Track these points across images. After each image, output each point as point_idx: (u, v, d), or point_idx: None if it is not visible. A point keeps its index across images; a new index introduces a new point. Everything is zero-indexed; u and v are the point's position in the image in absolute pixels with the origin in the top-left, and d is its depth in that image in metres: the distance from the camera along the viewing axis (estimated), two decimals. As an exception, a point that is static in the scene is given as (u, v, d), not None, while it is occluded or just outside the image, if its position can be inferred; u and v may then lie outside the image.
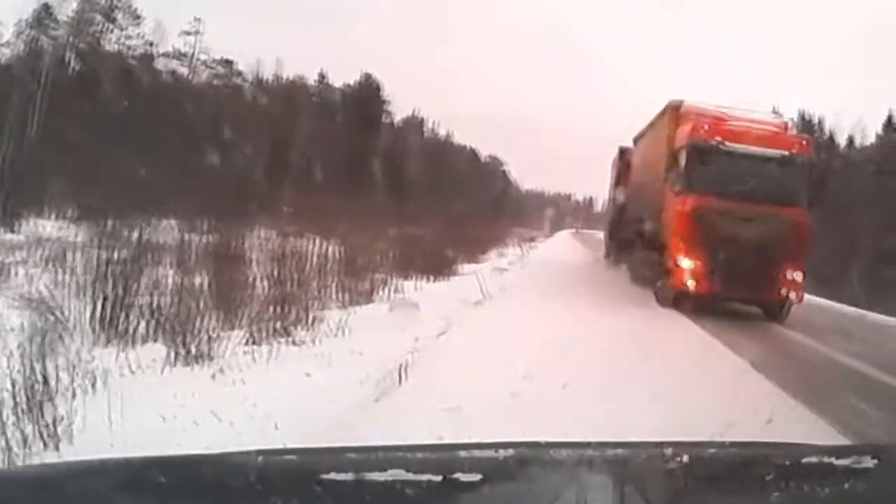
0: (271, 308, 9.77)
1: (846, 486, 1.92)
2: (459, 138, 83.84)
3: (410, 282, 16.69)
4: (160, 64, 54.72)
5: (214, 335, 8.04)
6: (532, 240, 56.25)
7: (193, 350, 7.60)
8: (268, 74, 61.05)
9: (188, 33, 56.19)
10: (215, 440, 4.64)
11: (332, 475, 1.64)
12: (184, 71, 56.74)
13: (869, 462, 2.03)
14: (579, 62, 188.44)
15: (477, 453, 1.90)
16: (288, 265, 11.84)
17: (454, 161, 78.21)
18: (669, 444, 2.05)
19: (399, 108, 70.49)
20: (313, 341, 9.00)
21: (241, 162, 47.67)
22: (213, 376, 6.94)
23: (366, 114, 62.71)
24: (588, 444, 2.04)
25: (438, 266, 20.12)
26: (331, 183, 43.28)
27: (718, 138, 15.79)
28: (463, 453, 1.90)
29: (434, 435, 4.36)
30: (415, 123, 75.66)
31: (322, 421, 5.48)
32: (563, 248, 45.14)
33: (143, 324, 8.55)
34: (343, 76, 73.06)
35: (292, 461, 1.94)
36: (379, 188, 54.12)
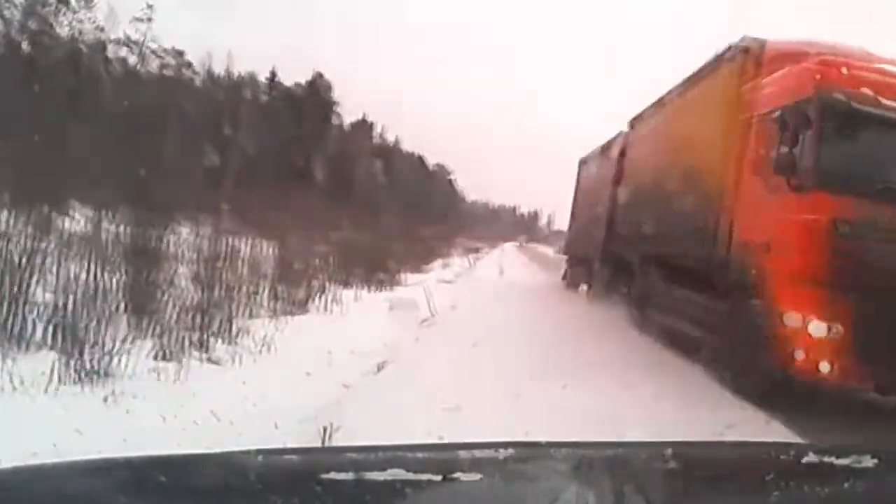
0: (191, 316, 8.64)
1: (846, 486, 1.89)
2: (407, 145, 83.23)
3: (350, 291, 15.56)
4: (110, 51, 53.04)
5: (118, 346, 6.82)
6: (476, 251, 56.00)
7: (89, 364, 6.38)
8: (219, 69, 59.57)
9: (139, 20, 54.44)
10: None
11: (332, 475, 1.63)
12: (133, 59, 54.99)
13: (869, 462, 1.99)
14: (532, 73, 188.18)
15: (477, 453, 1.89)
16: (219, 267, 10.76)
17: (401, 167, 77.74)
18: (669, 444, 2.03)
19: (349, 111, 69.55)
20: (233, 359, 7.82)
21: (182, 156, 46.25)
22: (106, 399, 5.78)
23: (314, 114, 61.88)
24: (588, 444, 2.08)
25: (381, 274, 19.12)
26: (273, 182, 42.23)
27: (868, 90, 8.63)
28: (463, 453, 1.90)
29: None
30: (364, 127, 74.89)
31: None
32: (512, 263, 43.68)
33: (40, 327, 7.36)
34: (295, 75, 71.91)
35: (292, 461, 1.92)
36: (323, 191, 53.30)
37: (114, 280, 8.91)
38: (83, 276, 8.49)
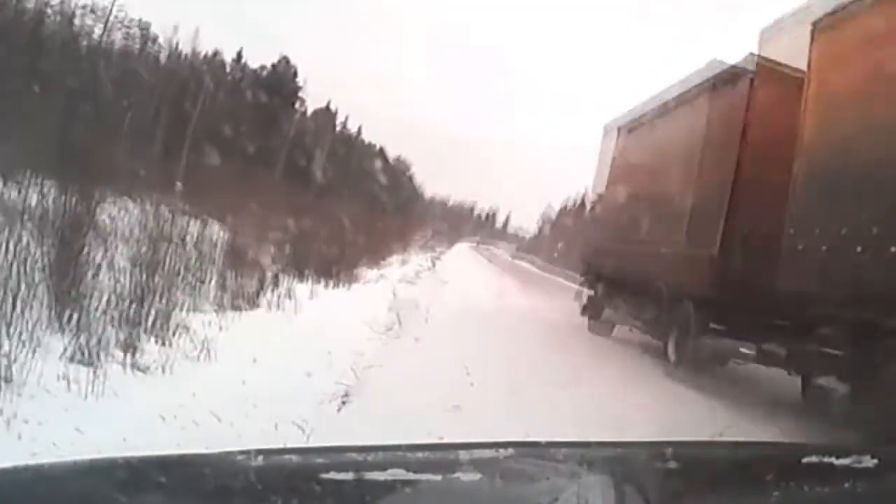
0: (122, 306, 7.40)
1: (846, 486, 1.87)
2: (368, 135, 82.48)
3: (305, 285, 14.40)
4: (77, 19, 51.49)
5: (24, 346, 5.58)
6: (433, 248, 56.06)
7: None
8: (186, 47, 58.22)
9: (107, -12, 52.87)
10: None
11: (332, 475, 1.61)
12: (98, 30, 53.40)
13: (869, 462, 1.92)
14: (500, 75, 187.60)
15: (477, 453, 1.84)
16: (164, 249, 9.57)
17: (361, 158, 77.20)
18: (669, 443, 2.01)
19: (313, 97, 68.61)
20: (164, 367, 6.51)
21: (140, 130, 45.09)
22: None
23: (277, 98, 61.05)
24: (588, 444, 2.05)
25: (337, 268, 18.02)
26: (230, 164, 41.29)
27: None
28: (463, 453, 1.83)
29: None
30: (327, 116, 74.02)
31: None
32: (475, 267, 42.13)
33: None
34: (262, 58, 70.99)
35: (292, 461, 1.86)
36: (280, 177, 52.58)
37: (43, 258, 7.63)
38: (9, 253, 7.22)
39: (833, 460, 1.95)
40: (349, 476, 1.58)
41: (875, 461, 1.94)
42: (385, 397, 6.88)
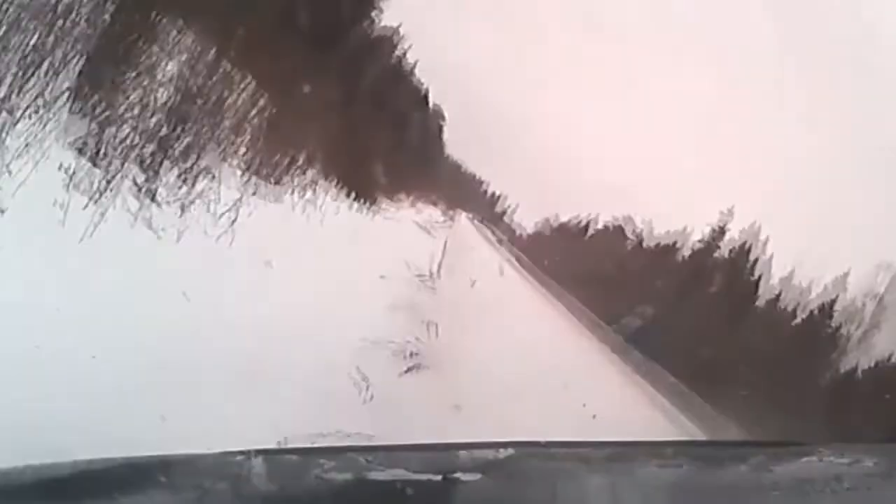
0: (159, 120, 6.29)
1: (846, 485, 1.84)
2: (420, 75, 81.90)
3: (330, 196, 13.43)
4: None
5: (36, 112, 4.46)
6: (435, 204, 56.34)
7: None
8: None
9: None
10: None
11: (333, 475, 1.60)
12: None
13: (869, 462, 1.96)
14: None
15: (477, 453, 1.86)
16: (209, 86, 8.58)
17: (404, 96, 76.55)
18: (669, 443, 2.26)
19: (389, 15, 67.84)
20: (183, 207, 5.45)
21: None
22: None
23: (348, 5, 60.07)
24: (588, 444, 2.04)
25: (367, 190, 17.44)
26: (288, 46, 40.51)
27: None
28: (463, 453, 1.87)
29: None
30: (391, 39, 73.02)
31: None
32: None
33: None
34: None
35: (292, 461, 1.88)
36: (331, 81, 51.88)
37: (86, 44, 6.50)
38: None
39: (833, 460, 1.97)
40: (349, 476, 1.58)
41: (875, 461, 1.96)
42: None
